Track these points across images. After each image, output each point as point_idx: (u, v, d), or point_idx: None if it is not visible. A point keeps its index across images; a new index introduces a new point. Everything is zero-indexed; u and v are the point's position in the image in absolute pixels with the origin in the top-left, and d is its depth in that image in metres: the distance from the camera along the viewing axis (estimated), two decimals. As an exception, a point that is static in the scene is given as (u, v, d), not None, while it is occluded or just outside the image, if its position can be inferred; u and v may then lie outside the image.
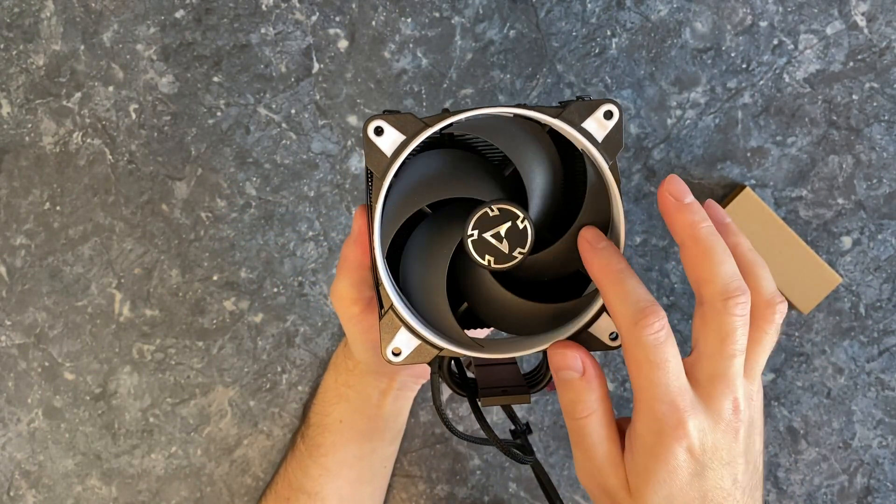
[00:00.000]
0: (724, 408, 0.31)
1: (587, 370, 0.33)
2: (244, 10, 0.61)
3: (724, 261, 0.31)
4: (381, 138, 0.33)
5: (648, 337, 0.30)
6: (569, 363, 0.33)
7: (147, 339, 0.61)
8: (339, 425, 0.53)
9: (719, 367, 0.31)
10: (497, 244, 0.34)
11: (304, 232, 0.61)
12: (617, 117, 0.33)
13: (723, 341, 0.31)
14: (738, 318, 0.31)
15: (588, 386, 0.33)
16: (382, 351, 0.35)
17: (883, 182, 0.60)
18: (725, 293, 0.31)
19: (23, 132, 0.61)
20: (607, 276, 0.32)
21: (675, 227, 0.32)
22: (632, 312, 0.31)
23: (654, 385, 0.31)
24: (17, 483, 0.61)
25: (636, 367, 0.31)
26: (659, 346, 0.30)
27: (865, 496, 0.60)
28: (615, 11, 0.60)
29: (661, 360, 0.30)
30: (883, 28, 0.59)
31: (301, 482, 0.54)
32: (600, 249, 0.33)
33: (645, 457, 0.31)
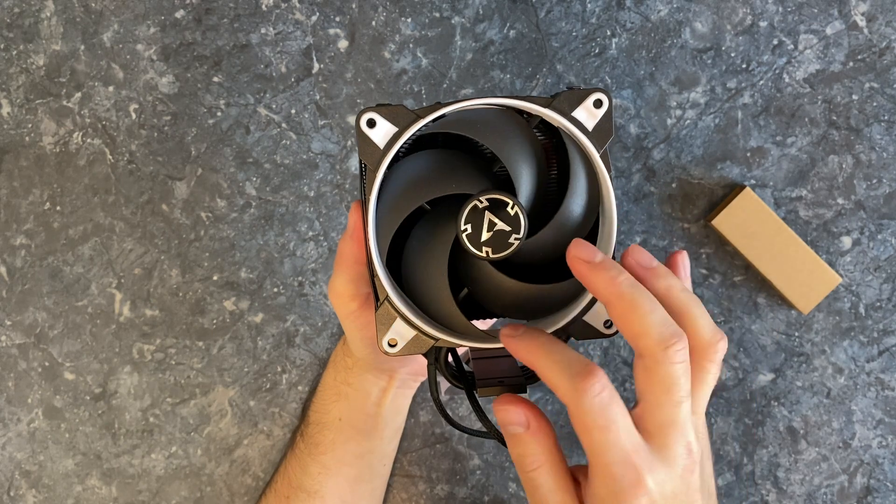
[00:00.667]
0: (679, 454, 0.31)
1: (531, 423, 0.33)
2: (244, 10, 0.61)
3: (651, 310, 0.31)
4: (373, 130, 0.33)
5: (592, 401, 0.30)
6: (512, 418, 0.33)
7: (147, 339, 0.61)
8: (339, 423, 0.53)
9: (668, 415, 0.31)
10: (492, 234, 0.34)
11: (304, 232, 0.61)
12: (606, 106, 0.33)
13: (668, 391, 0.31)
14: (679, 364, 0.30)
15: (534, 439, 0.33)
16: (379, 342, 0.35)
17: (883, 182, 0.60)
18: (662, 343, 0.30)
19: (23, 132, 0.61)
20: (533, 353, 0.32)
21: (595, 288, 0.32)
22: (568, 379, 0.30)
23: (607, 448, 0.30)
24: (18, 483, 0.62)
25: (585, 431, 0.30)
26: (604, 408, 0.30)
27: (865, 496, 0.60)
28: (615, 11, 0.60)
29: (608, 421, 0.30)
30: (883, 28, 0.59)
31: (301, 480, 0.54)
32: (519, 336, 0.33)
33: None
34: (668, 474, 0.31)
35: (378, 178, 0.33)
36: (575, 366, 0.30)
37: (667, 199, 0.60)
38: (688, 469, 0.31)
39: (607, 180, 0.34)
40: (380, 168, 0.33)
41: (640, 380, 0.31)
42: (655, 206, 0.60)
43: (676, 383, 0.30)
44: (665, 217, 0.60)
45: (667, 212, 0.60)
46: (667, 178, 0.60)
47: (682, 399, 0.31)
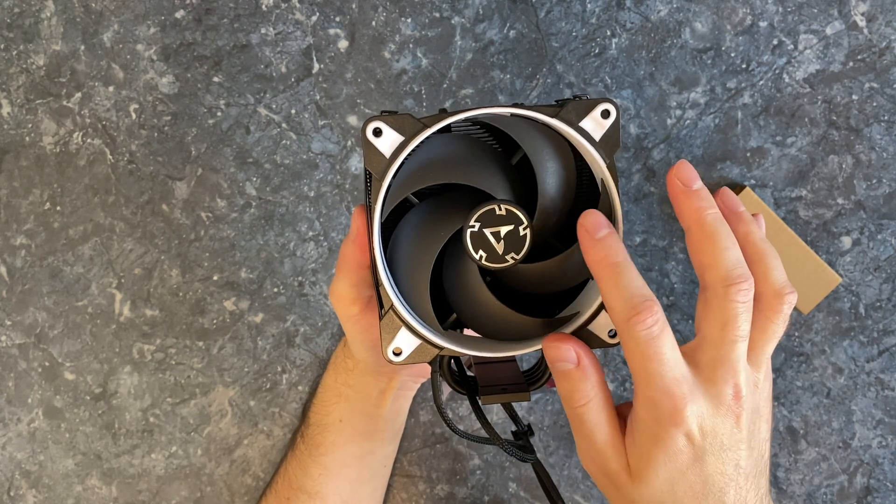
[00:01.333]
0: (725, 392, 0.31)
1: (581, 360, 0.33)
2: (244, 10, 0.61)
3: (727, 247, 0.31)
4: (379, 139, 0.33)
5: (642, 332, 0.30)
6: (563, 355, 0.33)
7: (147, 339, 0.61)
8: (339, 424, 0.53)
9: (720, 352, 0.31)
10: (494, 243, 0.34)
11: (305, 232, 0.61)
12: (614, 116, 0.33)
13: (724, 327, 0.31)
14: (741, 304, 0.31)
15: (583, 375, 0.33)
16: (383, 351, 0.35)
17: (883, 182, 0.60)
18: (727, 279, 0.31)
19: (23, 132, 0.61)
20: (604, 270, 0.32)
21: (682, 212, 0.32)
22: (626, 308, 0.31)
23: (650, 376, 0.31)
24: (18, 483, 0.62)
25: (632, 358, 0.31)
26: (652, 339, 0.30)
27: (865, 496, 0.60)
28: (615, 11, 0.60)
29: (654, 352, 0.31)
30: (883, 28, 0.59)
31: (301, 482, 0.54)
32: (599, 240, 0.32)
33: (646, 441, 0.32)
34: (711, 411, 0.31)
35: (384, 187, 0.33)
36: (636, 296, 0.31)
37: (667, 199, 0.60)
38: (732, 411, 0.31)
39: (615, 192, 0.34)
40: (386, 177, 0.33)
41: (700, 313, 0.32)
42: (655, 206, 0.60)
43: (734, 321, 0.31)
44: (665, 217, 0.60)
45: (667, 212, 0.60)
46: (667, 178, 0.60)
47: (736, 338, 0.31)
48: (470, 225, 0.34)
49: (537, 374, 0.38)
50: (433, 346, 0.35)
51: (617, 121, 0.34)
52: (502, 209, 0.33)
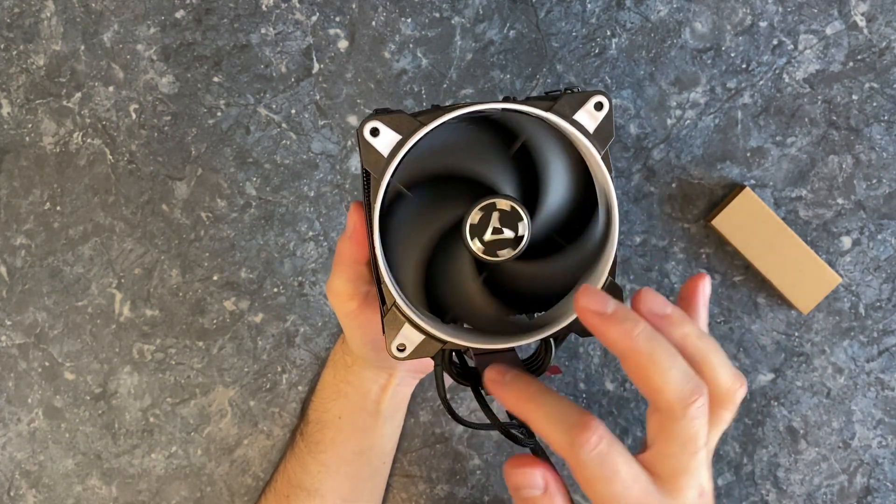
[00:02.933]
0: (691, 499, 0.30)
1: (549, 486, 0.31)
2: (244, 10, 0.61)
3: (672, 365, 0.29)
4: (377, 139, 0.33)
5: (590, 454, 0.28)
6: (529, 482, 0.31)
7: (147, 339, 0.61)
8: (338, 422, 0.53)
9: (682, 463, 0.30)
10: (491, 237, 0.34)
11: (305, 232, 0.61)
12: (607, 108, 0.34)
13: (685, 445, 0.29)
14: (699, 420, 0.29)
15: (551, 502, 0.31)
16: (388, 347, 0.35)
17: (883, 182, 0.60)
18: (683, 400, 0.29)
19: (23, 132, 0.61)
20: (522, 404, 0.30)
21: (609, 342, 0.30)
22: (563, 433, 0.29)
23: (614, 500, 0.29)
24: (18, 483, 0.62)
25: (589, 485, 0.29)
26: (604, 459, 0.28)
27: (865, 496, 0.60)
28: (615, 12, 0.60)
29: (611, 472, 0.29)
30: (883, 28, 0.59)
31: (300, 479, 0.54)
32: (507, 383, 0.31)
33: None
34: None
35: (383, 186, 0.33)
36: (570, 417, 0.29)
37: (667, 199, 0.60)
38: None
39: (609, 182, 0.34)
40: (384, 176, 0.33)
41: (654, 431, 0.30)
42: (655, 206, 0.60)
43: (695, 438, 0.29)
44: (665, 217, 0.60)
45: (667, 212, 0.60)
46: (667, 178, 0.60)
47: (698, 450, 0.30)
48: (471, 215, 0.34)
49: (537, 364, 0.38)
50: (437, 341, 0.35)
51: (610, 113, 0.34)
52: (505, 204, 0.34)
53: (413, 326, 0.35)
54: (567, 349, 0.61)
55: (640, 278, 0.60)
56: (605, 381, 0.61)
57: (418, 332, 0.35)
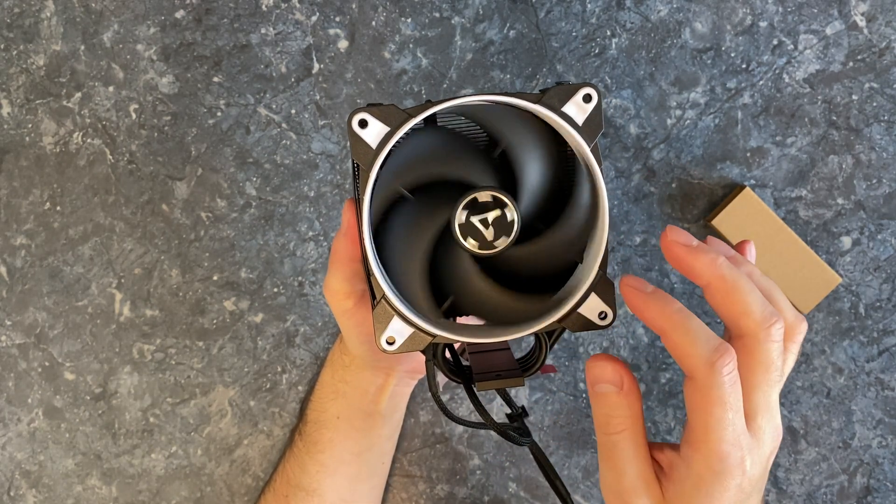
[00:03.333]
0: (768, 439, 0.32)
1: (626, 385, 0.33)
2: (244, 10, 0.61)
3: (752, 290, 0.31)
4: (365, 131, 0.33)
5: (725, 377, 0.30)
6: (608, 377, 0.33)
7: (147, 339, 0.61)
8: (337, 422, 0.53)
9: (764, 397, 0.31)
10: (483, 230, 0.34)
11: (304, 232, 0.61)
12: (596, 100, 0.34)
13: (767, 370, 0.31)
14: (777, 343, 0.31)
15: (625, 402, 0.33)
16: (377, 340, 0.35)
17: (882, 182, 0.60)
18: (764, 321, 0.31)
19: (23, 132, 0.61)
20: (669, 320, 0.31)
21: (696, 270, 0.32)
22: (706, 353, 0.30)
23: (722, 426, 0.30)
24: (18, 483, 0.62)
25: (707, 405, 0.30)
26: (731, 387, 0.30)
27: (865, 496, 0.60)
28: (615, 12, 0.60)
29: (733, 400, 0.30)
30: (883, 28, 0.59)
31: (299, 479, 0.54)
32: (650, 294, 0.32)
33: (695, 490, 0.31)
34: (759, 457, 0.32)
35: (371, 178, 0.34)
36: (713, 340, 0.30)
37: (667, 199, 0.60)
38: (772, 453, 0.32)
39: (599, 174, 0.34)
40: (373, 168, 0.33)
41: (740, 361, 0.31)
42: (655, 206, 0.60)
43: (775, 363, 0.31)
44: (665, 217, 0.60)
45: (667, 212, 0.60)
46: (667, 178, 0.60)
47: (777, 380, 0.31)
48: (457, 215, 0.34)
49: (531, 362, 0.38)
50: (426, 334, 0.35)
51: (599, 104, 0.34)
52: (487, 195, 0.34)
53: (402, 320, 0.35)
54: (567, 349, 0.61)
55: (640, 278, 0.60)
56: (605, 381, 0.61)
57: (408, 326, 0.35)
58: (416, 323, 0.35)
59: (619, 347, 0.61)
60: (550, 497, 0.61)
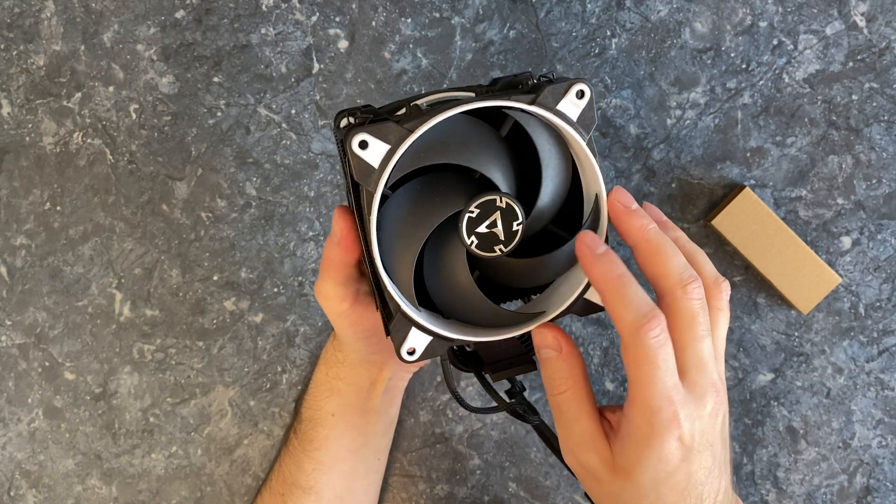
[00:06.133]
0: (708, 394, 0.34)
1: (564, 349, 0.36)
2: (244, 10, 0.61)
3: (674, 254, 0.34)
4: (366, 151, 0.33)
5: (650, 340, 0.32)
6: (549, 342, 0.36)
7: (147, 339, 0.61)
8: (332, 419, 0.53)
9: (693, 353, 0.34)
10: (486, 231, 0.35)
11: (305, 232, 0.61)
12: (588, 96, 0.34)
13: (690, 326, 0.34)
14: (697, 301, 0.34)
15: (566, 364, 0.36)
16: (398, 353, 0.35)
17: (882, 182, 0.60)
18: (683, 281, 0.34)
19: (23, 132, 0.61)
20: (609, 283, 0.34)
21: (628, 230, 0.35)
22: (634, 317, 0.33)
23: (652, 383, 0.33)
24: (18, 483, 0.62)
25: (636, 365, 0.33)
26: (659, 348, 0.33)
27: (865, 496, 0.60)
28: (615, 12, 0.60)
29: (659, 360, 0.33)
30: (882, 28, 0.59)
31: (295, 477, 0.54)
32: (600, 255, 0.34)
33: (638, 445, 0.34)
34: (699, 414, 0.34)
35: (377, 198, 0.33)
36: (643, 306, 0.33)
37: (667, 199, 0.60)
38: (715, 410, 0.34)
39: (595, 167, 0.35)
40: (378, 188, 0.33)
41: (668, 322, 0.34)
42: (655, 206, 0.60)
43: (696, 317, 0.34)
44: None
45: (667, 212, 0.60)
46: (667, 178, 0.60)
47: (703, 334, 0.34)
48: (469, 210, 0.34)
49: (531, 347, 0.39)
50: (444, 340, 0.36)
51: (591, 100, 0.34)
52: (503, 202, 0.34)
53: (420, 329, 0.35)
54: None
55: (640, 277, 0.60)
56: (605, 381, 0.61)
57: (425, 335, 0.35)
58: (434, 331, 0.35)
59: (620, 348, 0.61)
60: (550, 497, 0.61)
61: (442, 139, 0.34)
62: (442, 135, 0.34)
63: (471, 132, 0.36)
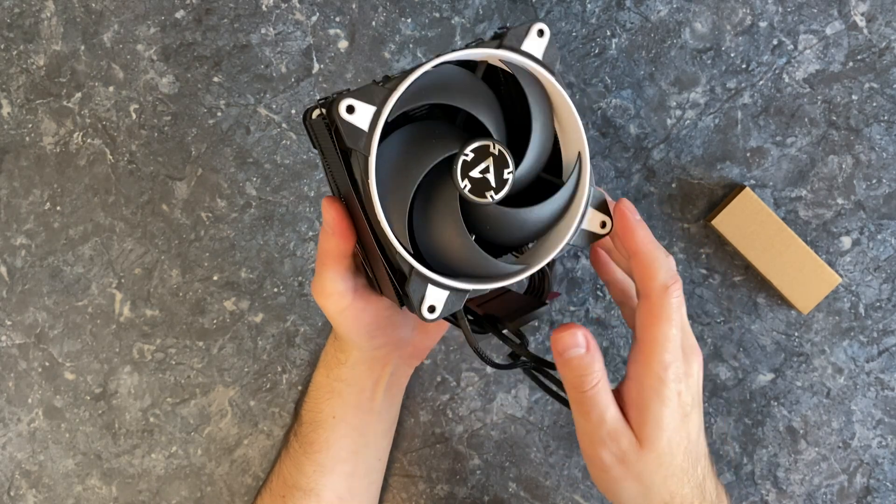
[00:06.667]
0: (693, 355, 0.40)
1: (590, 344, 0.38)
2: (244, 10, 0.61)
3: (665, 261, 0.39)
4: (354, 115, 0.33)
5: (674, 299, 0.38)
6: (575, 341, 0.38)
7: (147, 338, 0.61)
8: (333, 421, 0.53)
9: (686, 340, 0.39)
10: (479, 176, 0.35)
11: (305, 232, 0.61)
12: (548, 34, 0.36)
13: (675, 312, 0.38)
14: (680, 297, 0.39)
15: (594, 358, 0.38)
16: (419, 312, 0.36)
17: (882, 182, 0.60)
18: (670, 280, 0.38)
19: (23, 132, 0.61)
20: (647, 246, 0.38)
21: (634, 239, 0.39)
22: (665, 278, 0.38)
23: (667, 339, 0.38)
24: (18, 483, 0.62)
25: (656, 322, 0.38)
26: (679, 307, 0.38)
27: (865, 496, 0.60)
28: (615, 12, 0.60)
29: (679, 319, 0.38)
30: (882, 28, 0.59)
31: (296, 480, 0.54)
32: (640, 221, 0.39)
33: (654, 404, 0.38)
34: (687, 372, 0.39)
35: (372, 160, 0.33)
36: (671, 270, 0.38)
37: (666, 200, 0.60)
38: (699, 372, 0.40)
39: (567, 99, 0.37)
40: (371, 150, 0.33)
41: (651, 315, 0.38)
42: (655, 206, 0.60)
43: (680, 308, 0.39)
44: (665, 217, 0.60)
45: (666, 212, 0.60)
46: (666, 178, 0.60)
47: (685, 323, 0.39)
48: (465, 153, 0.35)
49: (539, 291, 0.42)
50: (461, 292, 0.36)
51: (551, 38, 0.36)
52: (496, 148, 0.35)
53: (436, 286, 0.36)
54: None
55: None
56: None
57: (442, 290, 0.36)
58: (450, 285, 0.36)
59: (620, 348, 0.61)
60: (550, 497, 0.61)
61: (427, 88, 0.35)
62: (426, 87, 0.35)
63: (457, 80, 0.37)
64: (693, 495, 0.41)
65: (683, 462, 0.40)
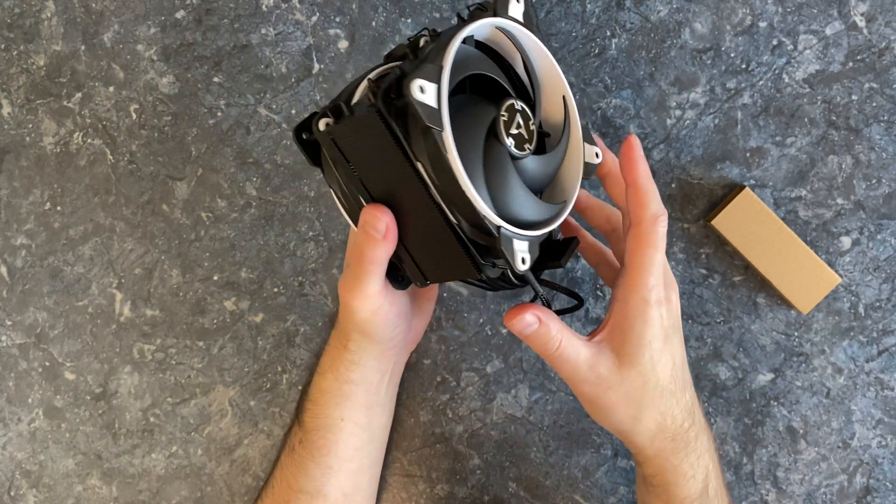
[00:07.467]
0: (672, 287, 0.44)
1: (541, 317, 0.41)
2: (244, 10, 0.61)
3: (656, 194, 0.42)
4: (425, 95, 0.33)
5: (662, 229, 0.42)
6: (527, 321, 0.41)
7: (147, 338, 0.61)
8: (340, 423, 0.53)
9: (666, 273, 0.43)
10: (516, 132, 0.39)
11: (305, 232, 0.61)
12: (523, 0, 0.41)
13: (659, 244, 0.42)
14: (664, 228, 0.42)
15: (546, 326, 0.41)
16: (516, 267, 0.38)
17: (882, 182, 0.60)
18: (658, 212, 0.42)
19: (23, 132, 0.61)
20: (645, 180, 0.42)
21: (634, 170, 0.42)
22: (656, 209, 0.42)
23: (654, 263, 0.41)
24: (18, 483, 0.62)
25: (645, 248, 0.41)
26: (664, 237, 0.42)
27: (865, 496, 0.60)
28: (615, 12, 0.60)
29: (662, 246, 0.42)
30: (882, 28, 0.59)
31: (301, 484, 0.54)
32: (642, 157, 0.42)
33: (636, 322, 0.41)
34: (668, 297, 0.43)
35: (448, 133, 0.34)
36: (661, 203, 0.42)
37: (666, 200, 0.60)
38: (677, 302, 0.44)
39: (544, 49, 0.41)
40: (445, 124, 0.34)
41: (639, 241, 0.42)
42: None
43: (663, 239, 0.42)
44: (665, 217, 0.60)
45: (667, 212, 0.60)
46: (666, 178, 0.60)
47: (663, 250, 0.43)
48: (501, 114, 0.38)
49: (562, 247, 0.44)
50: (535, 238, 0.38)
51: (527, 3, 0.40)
52: (518, 105, 0.39)
53: (521, 239, 0.37)
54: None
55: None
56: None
57: (523, 241, 0.38)
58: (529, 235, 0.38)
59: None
60: (550, 497, 0.61)
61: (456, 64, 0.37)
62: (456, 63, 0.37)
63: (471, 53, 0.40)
64: (683, 417, 0.44)
65: (670, 384, 0.43)
